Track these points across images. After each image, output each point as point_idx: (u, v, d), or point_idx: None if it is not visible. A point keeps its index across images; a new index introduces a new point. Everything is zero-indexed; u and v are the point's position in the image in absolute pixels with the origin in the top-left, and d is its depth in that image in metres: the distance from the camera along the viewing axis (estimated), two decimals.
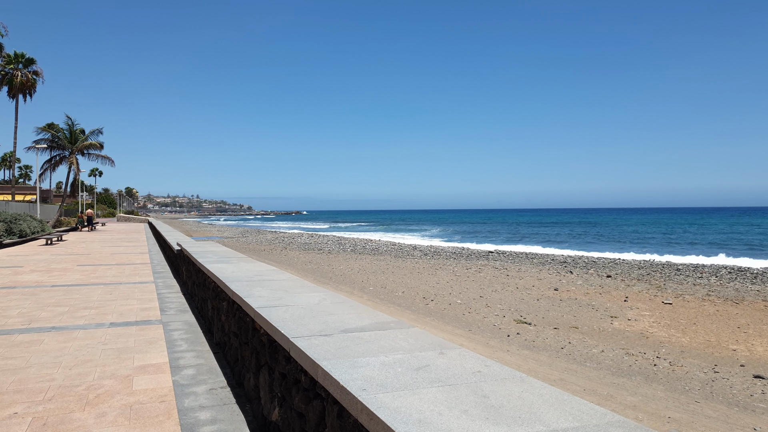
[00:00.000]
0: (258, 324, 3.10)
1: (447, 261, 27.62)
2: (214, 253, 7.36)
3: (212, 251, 7.80)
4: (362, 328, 2.52)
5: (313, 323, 2.67)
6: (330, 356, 2.07)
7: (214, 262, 5.97)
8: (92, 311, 7.06)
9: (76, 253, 17.43)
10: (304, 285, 4.15)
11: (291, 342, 2.32)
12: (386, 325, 2.61)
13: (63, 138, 37.09)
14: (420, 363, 1.93)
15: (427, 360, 1.97)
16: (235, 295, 3.77)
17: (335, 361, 2.01)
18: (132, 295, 8.47)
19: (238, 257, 6.76)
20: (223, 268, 5.48)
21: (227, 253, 7.43)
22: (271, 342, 2.83)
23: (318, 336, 2.39)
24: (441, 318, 12.63)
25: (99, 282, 9.98)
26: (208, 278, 5.65)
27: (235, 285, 4.12)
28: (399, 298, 15.59)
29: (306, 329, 2.54)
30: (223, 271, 5.17)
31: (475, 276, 20.80)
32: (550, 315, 13.30)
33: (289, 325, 2.63)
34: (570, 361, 8.92)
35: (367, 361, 2.01)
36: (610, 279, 20.26)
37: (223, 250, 8.07)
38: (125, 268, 12.86)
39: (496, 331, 11.40)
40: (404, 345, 2.22)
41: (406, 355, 2.09)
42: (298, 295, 3.65)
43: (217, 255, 7.11)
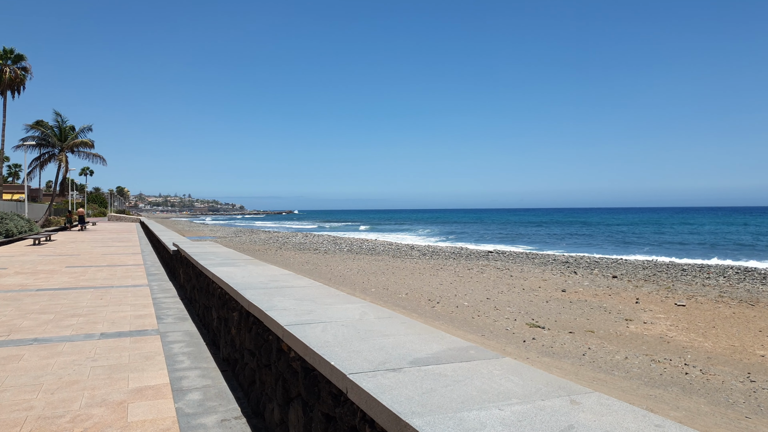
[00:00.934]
0: (286, 344, 2.49)
1: (447, 261, 27.07)
2: (215, 255, 6.71)
3: (213, 252, 7.15)
4: (437, 358, 1.90)
5: (367, 349, 2.05)
6: (418, 407, 1.48)
7: (218, 265, 5.35)
8: (81, 319, 6.42)
9: (65, 254, 16.66)
10: (333, 294, 3.53)
11: (349, 380, 1.70)
12: (465, 352, 1.99)
13: (52, 135, 36.08)
14: (557, 423, 1.31)
15: (563, 417, 1.41)
16: (252, 306, 3.15)
17: (430, 418, 1.40)
18: (125, 300, 7.83)
19: (245, 259, 6.13)
20: (231, 272, 4.91)
21: (231, 255, 6.79)
22: (307, 371, 2.22)
23: (383, 371, 1.77)
24: (450, 322, 12.04)
25: (89, 285, 9.32)
26: (213, 283, 5.03)
27: (250, 293, 3.49)
28: (403, 300, 15.00)
29: (361, 358, 1.92)
30: (231, 276, 4.61)
31: (478, 277, 20.25)
32: (563, 318, 12.77)
33: (335, 352, 2.01)
34: (596, 369, 8.35)
35: (476, 418, 1.41)
36: (616, 280, 19.78)
37: (225, 251, 7.41)
38: (117, 269, 12.17)
39: (509, 336, 10.83)
40: (511, 387, 1.62)
41: (526, 406, 1.50)
42: (330, 306, 3.04)
43: (220, 256, 6.48)
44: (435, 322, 11.96)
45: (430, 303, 14.42)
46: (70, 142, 36.21)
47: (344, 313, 2.87)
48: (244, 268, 5.23)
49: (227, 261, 6.05)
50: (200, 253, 6.96)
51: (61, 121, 36.73)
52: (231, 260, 6.17)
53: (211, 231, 69.90)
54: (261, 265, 5.49)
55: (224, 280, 4.28)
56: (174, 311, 6.97)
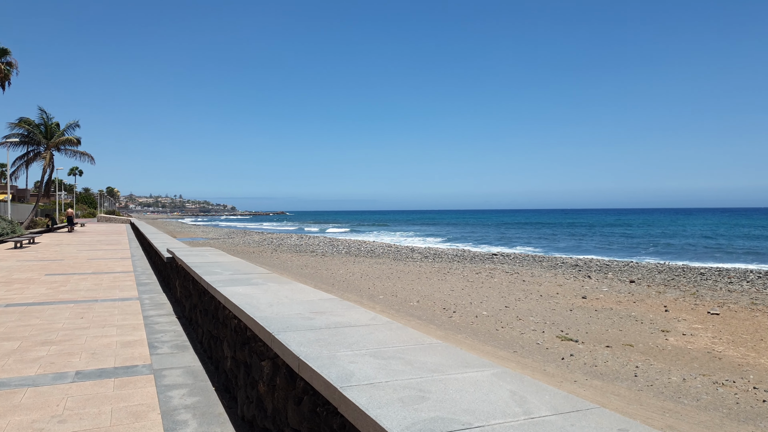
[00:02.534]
0: None
1: (451, 264, 26.01)
2: (220, 266, 5.52)
3: (217, 262, 5.95)
4: None
5: None
6: None
7: (229, 283, 4.22)
8: (53, 349, 5.20)
9: (47, 259, 15.36)
10: (427, 344, 2.21)
11: None
12: None
13: (37, 133, 34.51)
14: None
15: None
16: (305, 366, 1.98)
17: None
18: (110, 319, 6.63)
19: (261, 273, 4.95)
20: (250, 295, 3.73)
21: (240, 266, 5.62)
22: None
23: None
24: (474, 335, 10.95)
25: (69, 299, 8.11)
26: (223, 308, 3.92)
27: (294, 340, 2.32)
28: (415, 308, 13.89)
29: None
30: (253, 302, 3.46)
31: (489, 282, 19.18)
32: (593, 329, 11.73)
33: None
34: (658, 395, 7.26)
35: None
36: (634, 285, 18.79)
37: (231, 261, 6.20)
38: (103, 277, 10.93)
39: (543, 351, 9.76)
40: None
41: None
42: (448, 375, 1.86)
43: (227, 269, 5.35)
44: (457, 335, 10.86)
45: (445, 312, 13.33)
46: (56, 139, 34.63)
47: (481, 391, 1.68)
48: (266, 289, 4.03)
49: (239, 276, 4.85)
50: (202, 264, 5.85)
51: (47, 118, 35.15)
52: (243, 274, 4.97)
53: (203, 232, 68.52)
54: (286, 283, 4.24)
55: (245, 311, 3.16)
56: (170, 336, 5.85)
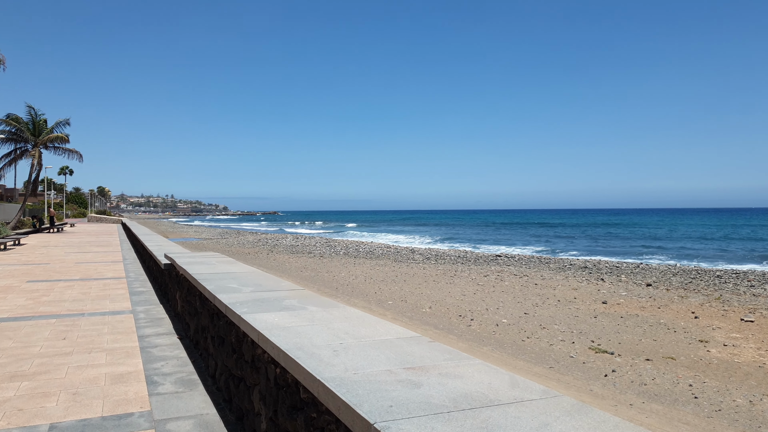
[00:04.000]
0: None
1: (456, 266, 25.12)
2: (234, 278, 4.50)
3: (229, 273, 4.97)
4: None
5: None
6: None
7: (254, 307, 3.24)
8: (24, 386, 4.14)
9: (32, 263, 14.27)
10: None
11: None
12: None
13: (25, 130, 33.20)
14: None
15: None
16: None
17: None
18: (98, 340, 5.58)
19: (289, 289, 4.03)
20: (290, 328, 2.79)
21: (260, 279, 4.64)
22: None
23: None
24: (500, 347, 10.03)
25: (51, 312, 7.08)
26: (252, 343, 2.89)
27: None
28: (429, 315, 12.96)
29: None
30: (300, 341, 2.54)
31: (499, 285, 18.29)
32: (625, 339, 10.86)
33: None
34: (732, 424, 6.37)
35: None
36: (652, 288, 17.97)
37: (245, 271, 5.08)
38: (92, 285, 9.86)
39: (579, 366, 8.86)
40: None
41: None
42: None
43: (245, 283, 4.40)
44: (482, 347, 9.93)
45: (462, 320, 12.41)
46: (45, 137, 33.32)
47: None
48: (310, 317, 3.03)
49: (264, 294, 3.79)
50: (211, 276, 4.82)
51: (35, 114, 33.84)
52: (268, 291, 3.92)
53: (196, 232, 67.33)
54: (333, 307, 3.26)
55: (299, 363, 2.24)
56: (173, 365, 4.80)
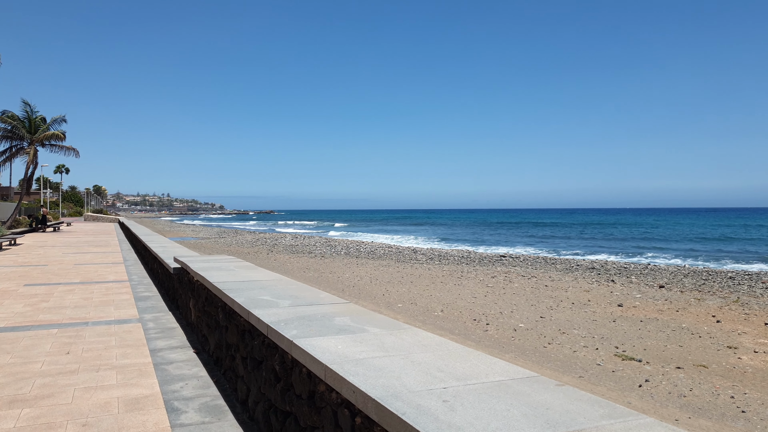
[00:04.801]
0: None
1: (461, 267, 24.70)
2: (262, 287, 4.02)
3: (254, 281, 4.49)
4: None
5: None
6: None
7: (301, 327, 2.85)
8: (24, 414, 3.58)
9: (29, 264, 13.71)
10: None
11: None
12: None
13: (21, 127, 32.48)
14: None
15: None
16: None
17: None
18: (106, 355, 5.04)
19: (334, 303, 3.55)
20: (364, 361, 2.30)
21: (292, 289, 4.16)
22: None
23: None
24: (522, 354, 9.58)
25: (51, 321, 6.55)
26: (305, 372, 2.36)
27: None
28: (442, 319, 12.52)
29: None
30: (391, 384, 2.03)
31: (509, 287, 17.86)
32: (650, 345, 10.44)
33: None
34: None
35: None
36: (665, 290, 17.58)
37: (270, 278, 4.45)
38: (94, 289, 9.33)
39: (609, 375, 8.43)
40: None
41: None
42: None
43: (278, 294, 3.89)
44: (504, 354, 9.48)
45: (477, 324, 11.97)
46: (41, 134, 32.60)
47: None
48: (379, 344, 2.52)
49: (308, 310, 3.26)
50: (235, 285, 4.26)
51: (31, 111, 33.12)
52: (311, 305, 3.40)
53: (193, 231, 66.74)
54: (401, 329, 2.79)
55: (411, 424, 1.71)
56: (193, 387, 4.19)
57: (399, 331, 2.79)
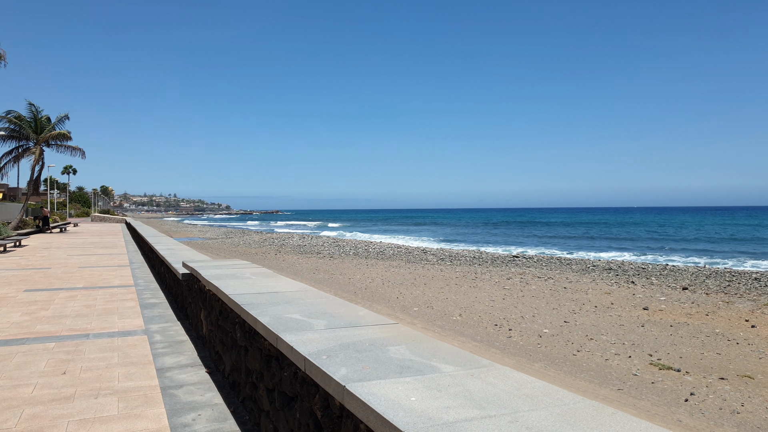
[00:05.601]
0: None
1: (474, 268, 24.08)
2: (287, 300, 3.62)
3: (277, 292, 3.98)
4: None
5: None
6: None
7: (357, 369, 2.17)
8: None
9: (32, 267, 13.23)
10: None
11: None
12: None
13: (26, 127, 32.11)
14: None
15: None
16: None
17: None
18: (107, 376, 4.47)
19: (381, 324, 2.95)
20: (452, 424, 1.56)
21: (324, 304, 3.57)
22: None
23: None
24: (551, 363, 8.99)
25: (49, 332, 6.00)
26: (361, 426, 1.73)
27: None
28: (461, 324, 11.94)
29: None
30: None
31: (527, 289, 17.25)
32: (685, 352, 9.84)
33: None
34: None
35: None
36: (689, 292, 16.92)
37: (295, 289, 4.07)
38: (97, 295, 8.80)
39: (649, 387, 7.84)
40: None
41: None
42: None
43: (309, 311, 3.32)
44: (532, 364, 8.90)
45: (499, 330, 11.38)
46: (46, 134, 32.21)
47: None
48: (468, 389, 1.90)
49: (351, 334, 2.69)
50: (254, 297, 3.71)
51: (36, 111, 32.73)
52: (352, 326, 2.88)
53: (200, 232, 66.44)
54: (482, 367, 2.14)
55: None
56: (208, 419, 3.63)
57: (481, 370, 2.11)
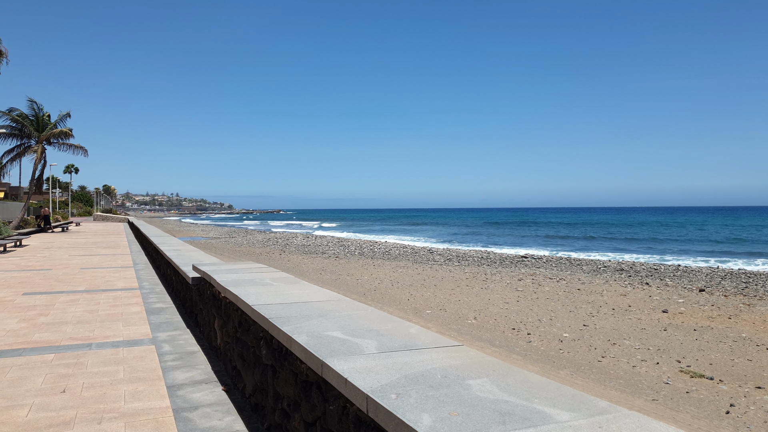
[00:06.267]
0: None
1: (483, 269, 23.64)
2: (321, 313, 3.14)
3: (306, 302, 3.51)
4: None
5: None
6: None
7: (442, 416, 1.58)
8: None
9: (32, 268, 12.82)
10: None
11: None
12: None
13: (28, 125, 31.71)
14: None
15: None
16: None
17: None
18: (112, 395, 3.93)
19: (450, 348, 2.39)
20: None
21: (377, 321, 2.98)
22: None
23: None
24: (576, 370, 8.56)
25: (49, 342, 5.50)
26: None
27: None
28: (477, 328, 11.52)
29: None
30: None
31: (540, 291, 16.81)
32: (714, 358, 9.40)
33: None
34: None
35: None
36: (706, 294, 16.48)
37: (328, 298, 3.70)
38: (100, 299, 8.35)
39: (683, 397, 7.41)
40: None
41: None
42: None
43: (353, 327, 2.84)
44: (558, 371, 8.46)
45: (517, 334, 10.95)
46: (48, 132, 31.77)
47: None
48: None
49: (414, 361, 2.17)
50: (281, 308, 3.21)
51: (37, 108, 32.32)
52: (411, 349, 2.37)
53: (203, 231, 66.11)
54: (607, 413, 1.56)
55: None
56: None
57: (606, 418, 1.58)
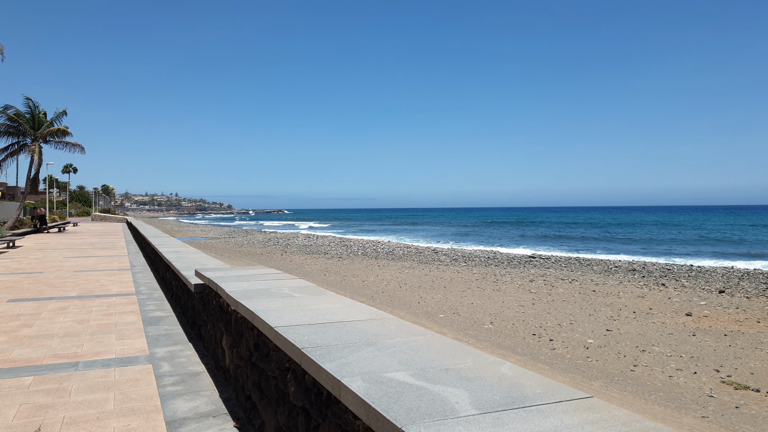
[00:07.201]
0: None
1: (492, 269, 22.99)
2: (369, 341, 2.34)
3: (342, 321, 2.77)
4: None
5: None
6: None
7: None
8: None
9: (22, 271, 12.12)
10: None
11: None
12: None
13: (24, 123, 30.97)
14: None
15: None
16: None
17: None
18: None
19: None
20: None
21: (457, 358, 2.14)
22: None
23: None
24: (610, 381, 7.91)
25: (29, 360, 4.74)
26: None
27: None
28: (495, 333, 10.86)
29: None
30: None
31: (554, 292, 16.16)
32: (754, 367, 8.79)
33: None
34: None
35: None
36: (727, 296, 15.85)
37: (371, 317, 2.86)
38: (93, 306, 7.62)
39: (734, 413, 6.79)
40: None
41: None
42: None
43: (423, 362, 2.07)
44: (592, 383, 7.80)
45: (538, 340, 10.29)
46: (44, 130, 31.02)
47: None
48: None
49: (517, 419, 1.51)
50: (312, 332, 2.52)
51: (34, 107, 31.54)
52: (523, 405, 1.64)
53: (203, 231, 65.44)
54: None
55: None
56: None
57: None
